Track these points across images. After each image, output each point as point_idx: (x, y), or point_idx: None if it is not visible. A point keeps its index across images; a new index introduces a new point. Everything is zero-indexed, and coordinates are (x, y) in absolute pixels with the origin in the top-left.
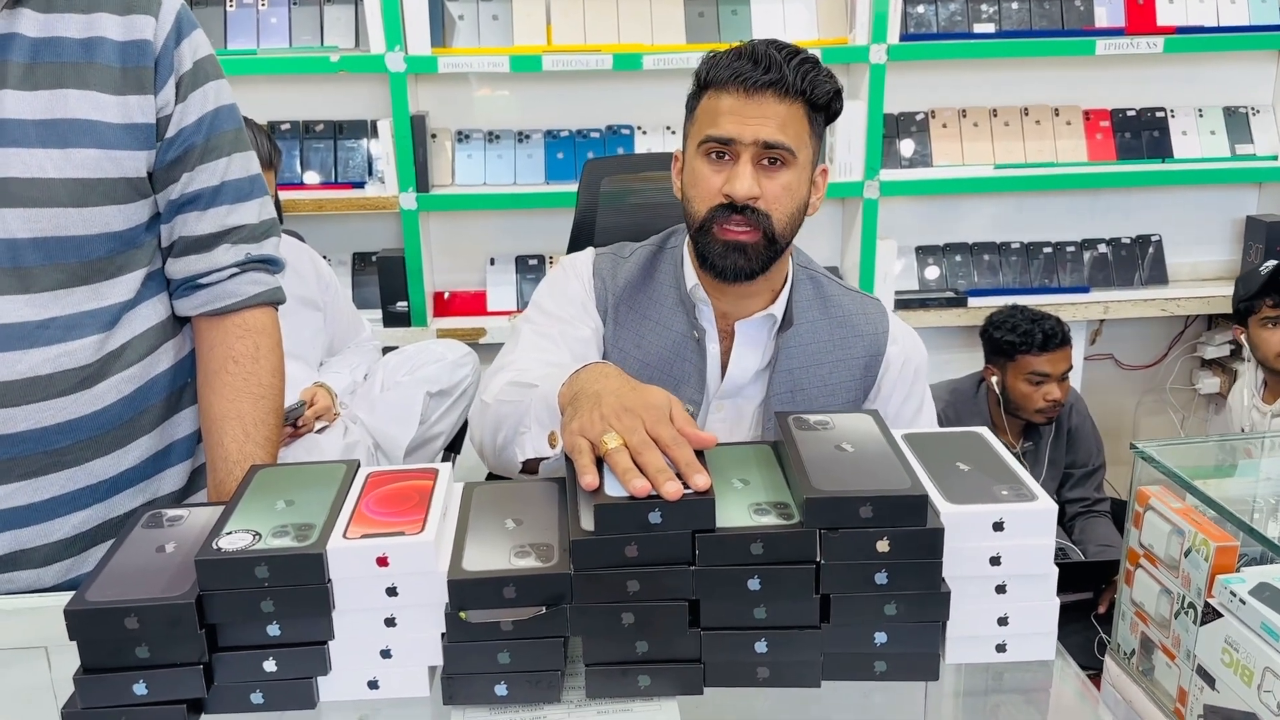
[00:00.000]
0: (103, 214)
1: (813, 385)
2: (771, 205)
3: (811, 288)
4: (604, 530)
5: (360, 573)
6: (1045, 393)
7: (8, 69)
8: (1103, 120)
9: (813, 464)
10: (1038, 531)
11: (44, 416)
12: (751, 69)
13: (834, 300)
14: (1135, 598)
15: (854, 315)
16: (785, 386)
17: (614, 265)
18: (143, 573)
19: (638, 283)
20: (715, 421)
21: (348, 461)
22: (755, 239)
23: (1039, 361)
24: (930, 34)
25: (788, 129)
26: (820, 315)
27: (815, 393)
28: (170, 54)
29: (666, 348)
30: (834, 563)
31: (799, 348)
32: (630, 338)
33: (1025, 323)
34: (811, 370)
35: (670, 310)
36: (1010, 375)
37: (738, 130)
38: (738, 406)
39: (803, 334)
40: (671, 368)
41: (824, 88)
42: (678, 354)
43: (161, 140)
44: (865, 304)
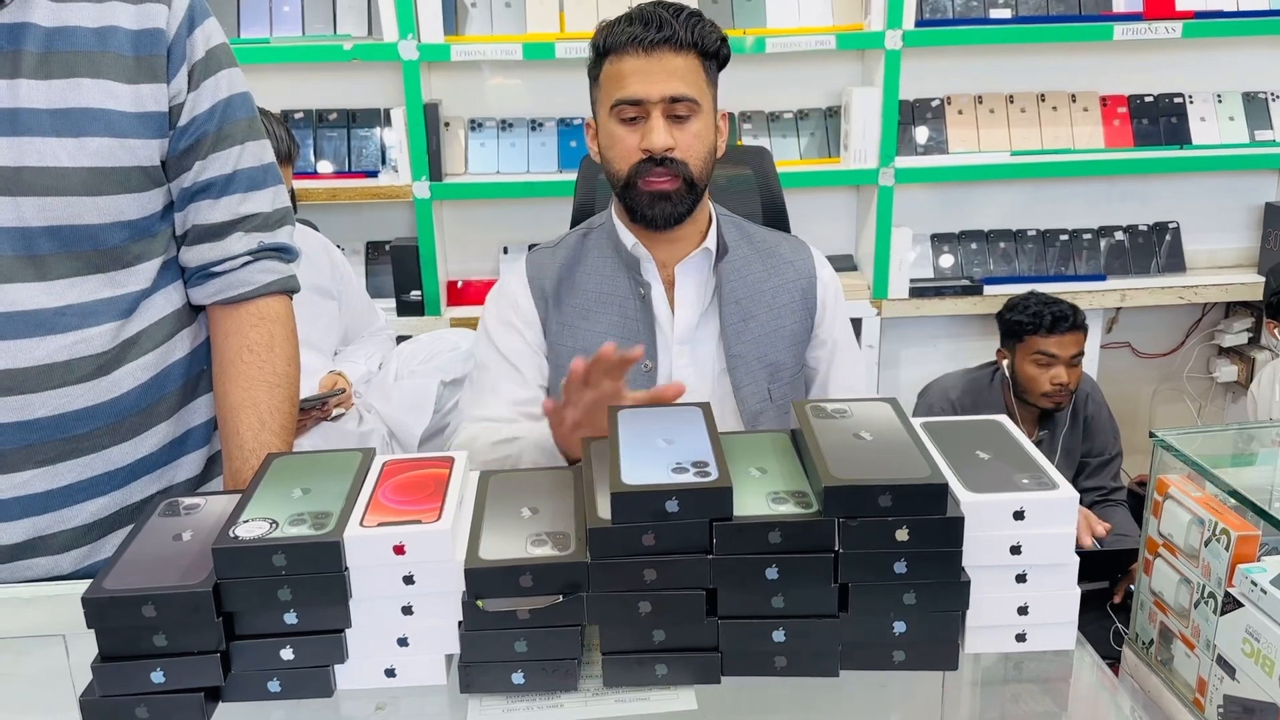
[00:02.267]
0: (116, 202)
1: (761, 311)
2: (686, 153)
3: (734, 228)
4: (621, 519)
5: (377, 561)
6: (1052, 376)
7: (21, 58)
8: (1120, 106)
9: (831, 452)
10: (1059, 520)
11: (61, 403)
12: (644, 30)
13: (756, 235)
14: (1154, 587)
15: (778, 246)
16: (736, 316)
17: (545, 260)
18: (160, 561)
19: (570, 263)
20: (680, 368)
21: (364, 450)
22: (677, 185)
23: (1046, 343)
24: (946, 19)
25: (688, 80)
26: (749, 250)
27: (765, 318)
28: (183, 42)
29: (614, 315)
30: (852, 552)
31: (738, 278)
32: (574, 312)
33: (1037, 304)
34: (756, 298)
35: (611, 276)
36: (1019, 357)
37: (644, 89)
38: (696, 350)
39: (738, 264)
40: (622, 331)
41: (711, 36)
42: (625, 317)
43: (174, 128)
44: (786, 238)
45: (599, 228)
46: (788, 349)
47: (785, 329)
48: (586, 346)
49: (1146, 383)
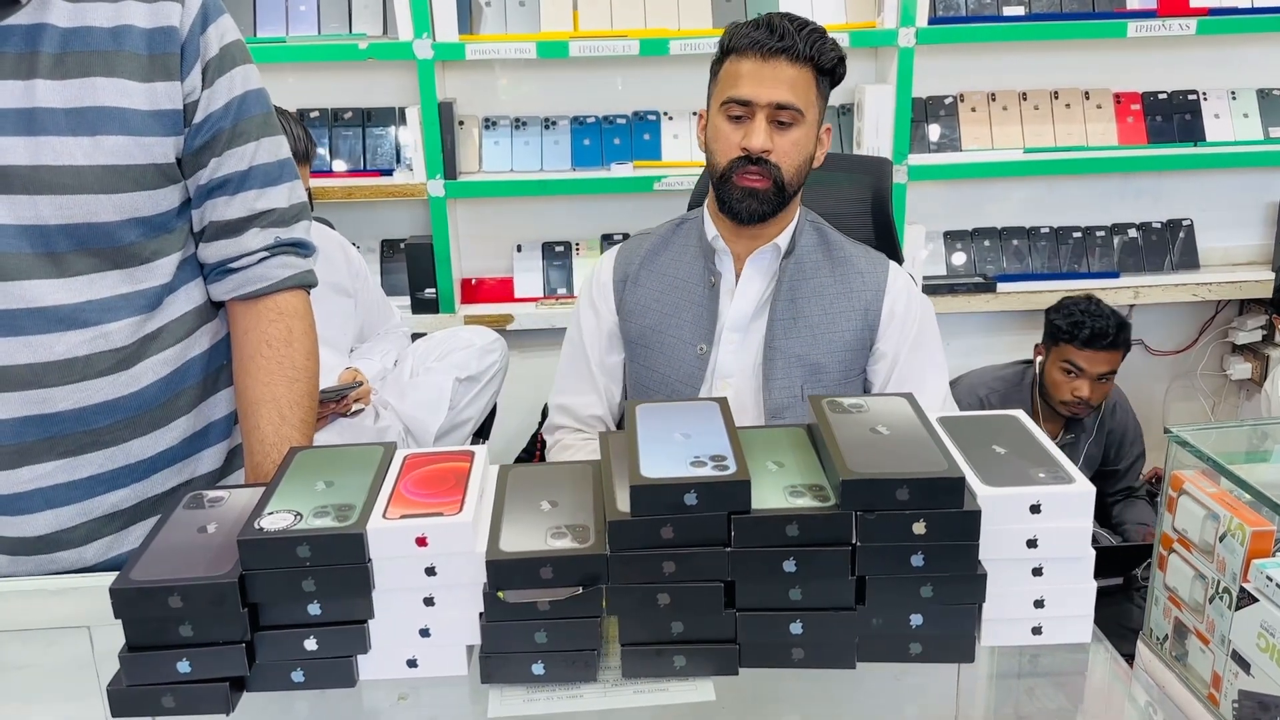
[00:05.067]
0: (132, 200)
1: (814, 313)
2: (782, 158)
3: (816, 234)
4: (640, 511)
5: (400, 552)
6: (1074, 387)
7: (38, 59)
8: (1134, 103)
9: (848, 446)
10: (1075, 514)
11: (82, 397)
12: (767, 37)
13: (837, 244)
14: (1168, 583)
15: (855, 258)
16: (787, 313)
17: (637, 245)
18: (186, 553)
19: (658, 248)
20: (726, 354)
21: (385, 443)
22: (767, 186)
23: (1076, 354)
24: (959, 17)
25: (797, 90)
26: (823, 256)
27: (816, 320)
28: (196, 40)
29: (681, 296)
30: (870, 545)
31: (800, 277)
32: (649, 293)
33: (1081, 314)
34: (812, 300)
35: (689, 263)
36: (1050, 359)
37: (754, 92)
38: (745, 339)
39: (804, 265)
40: (682, 313)
41: (829, 54)
42: (692, 301)
43: (189, 125)
44: (868, 253)
45: (692, 219)
46: (835, 353)
47: (837, 333)
48: (654, 324)
49: (1160, 380)
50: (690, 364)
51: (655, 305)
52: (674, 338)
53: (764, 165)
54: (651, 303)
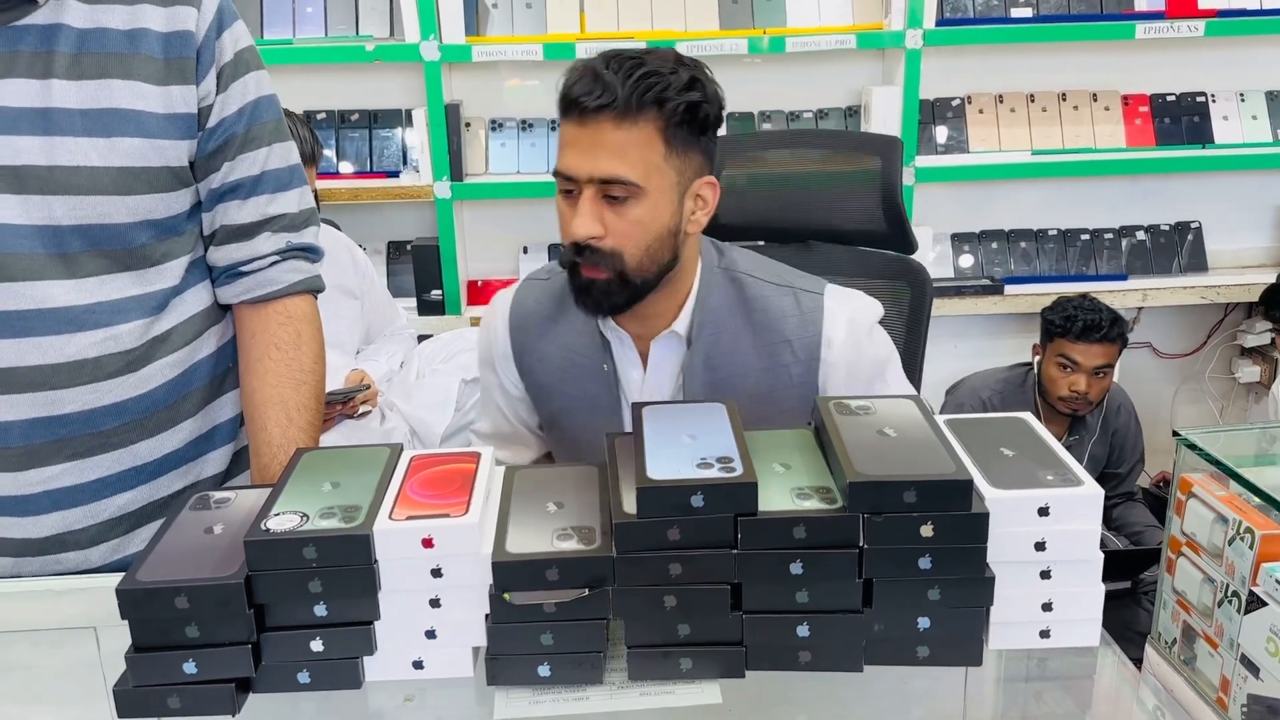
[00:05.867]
0: (144, 202)
1: (742, 398)
2: (621, 242)
3: (731, 291)
4: (646, 513)
5: (406, 554)
6: (1071, 382)
7: (54, 59)
8: (1142, 105)
9: (855, 448)
10: (1083, 517)
11: (90, 399)
12: (585, 92)
13: (756, 302)
14: (1177, 586)
15: (780, 318)
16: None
17: (530, 306)
18: (192, 553)
19: (553, 314)
20: None
21: (391, 445)
22: (606, 276)
23: (1072, 348)
24: (966, 19)
25: (629, 158)
26: (742, 322)
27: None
28: (212, 45)
29: (586, 383)
30: (877, 547)
31: (718, 360)
32: (550, 372)
33: (1075, 309)
34: (739, 383)
35: (588, 340)
36: (1047, 356)
37: (575, 165)
38: None
39: (720, 340)
40: (591, 403)
41: (674, 102)
42: (595, 387)
43: (203, 130)
44: (801, 294)
45: None
46: None
47: (772, 417)
48: (560, 409)
49: (1168, 383)
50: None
51: (557, 385)
52: (585, 425)
53: (594, 255)
54: (553, 382)
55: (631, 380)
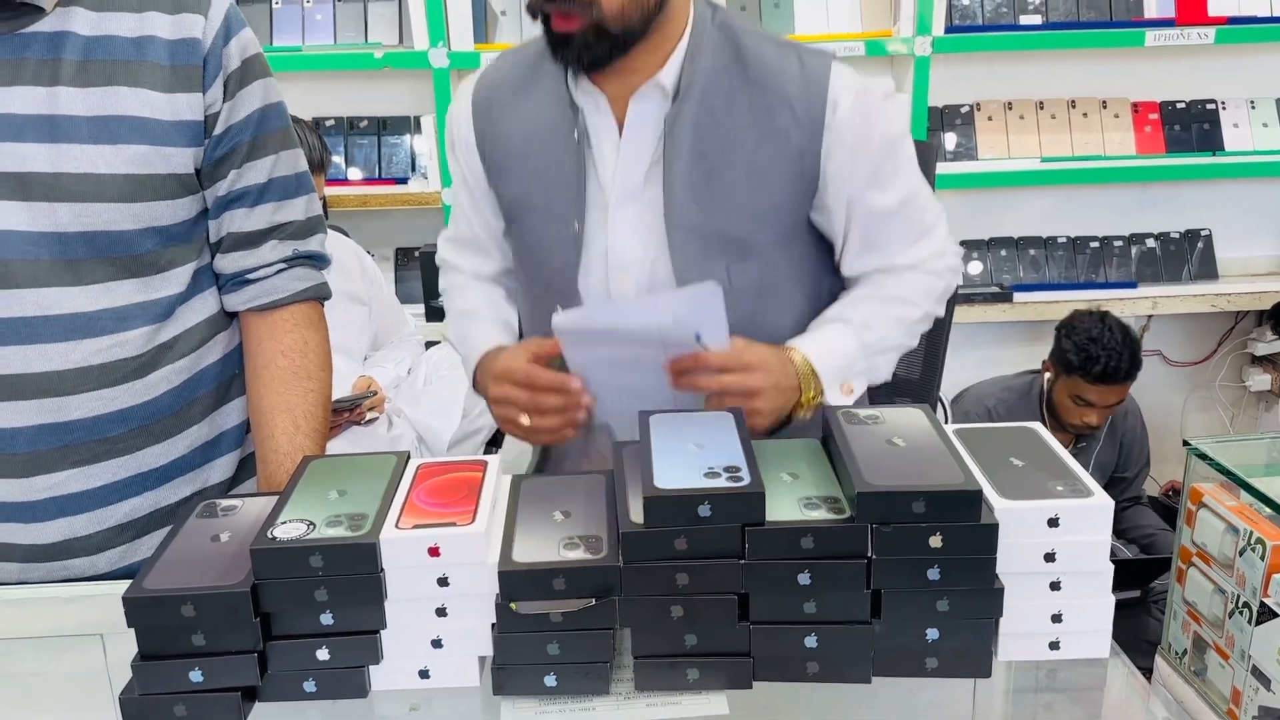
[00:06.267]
0: (150, 209)
1: (732, 169)
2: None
3: (726, 48)
4: (653, 523)
5: (412, 562)
6: (1083, 414)
7: (61, 66)
8: (1151, 113)
9: (864, 458)
10: (1093, 527)
11: (96, 405)
12: None
13: (754, 59)
14: (1187, 597)
15: (781, 77)
16: (697, 173)
17: (501, 75)
18: (199, 562)
19: (524, 83)
20: (619, 237)
21: (398, 453)
22: (580, 27)
23: (1088, 389)
24: (975, 26)
25: None
26: (738, 81)
27: (737, 179)
28: (219, 52)
29: (545, 161)
30: (885, 558)
31: (706, 122)
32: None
33: (1095, 347)
34: (729, 151)
35: (553, 112)
36: (1059, 384)
37: None
38: (641, 215)
39: (707, 104)
40: (549, 178)
41: None
42: (556, 165)
43: (210, 137)
44: (805, 56)
45: None
46: (765, 221)
47: (766, 195)
48: (519, 196)
49: (1178, 391)
50: (566, 248)
51: (515, 166)
52: (543, 212)
53: (570, 3)
54: (514, 163)
55: (604, 151)
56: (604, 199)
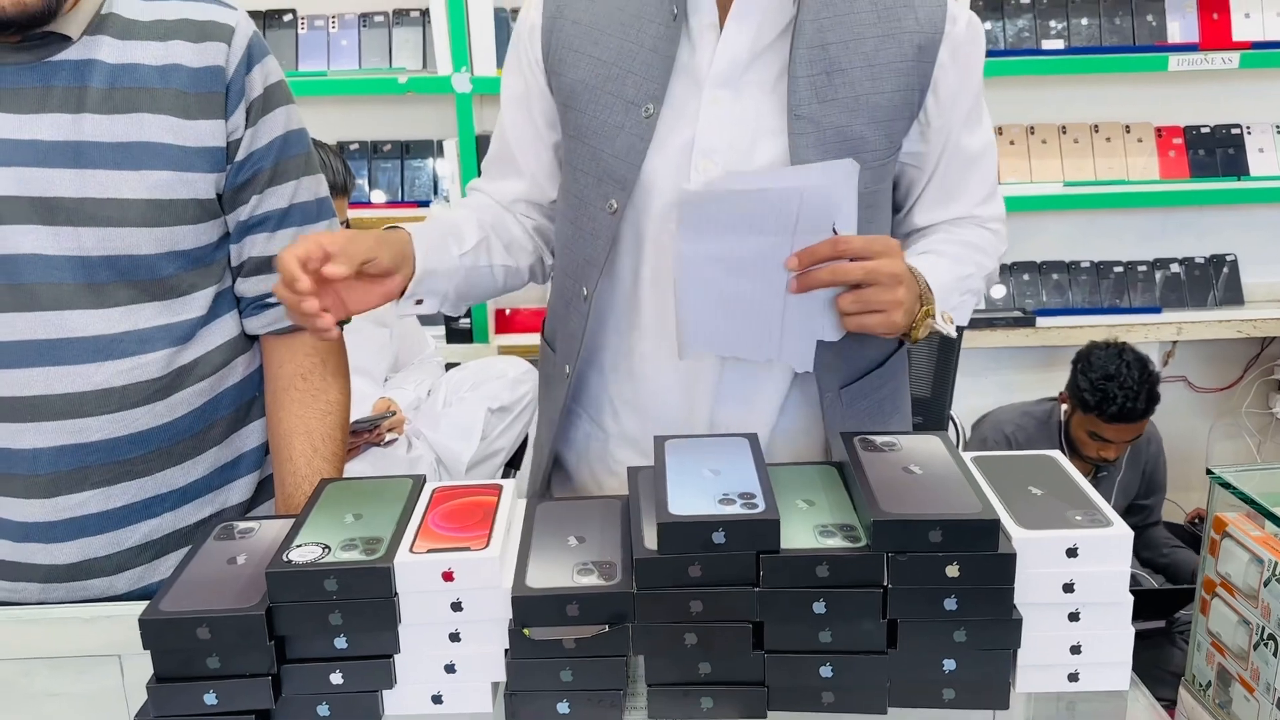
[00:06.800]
0: (172, 234)
1: (854, 66)
2: None
3: None
4: (667, 549)
5: (426, 587)
6: (1100, 449)
7: (87, 93)
8: (1175, 137)
9: (880, 486)
10: (1112, 558)
11: (117, 427)
12: None
13: None
14: (1211, 628)
15: None
16: (817, 65)
17: None
18: (215, 584)
19: None
20: (710, 121)
21: (414, 476)
22: None
23: (1104, 427)
24: (997, 50)
25: None
26: None
27: (858, 75)
28: (241, 80)
29: (627, 37)
30: (902, 587)
31: (831, 12)
32: (584, 31)
33: (1111, 385)
34: (851, 46)
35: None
36: (1076, 419)
37: None
38: (739, 100)
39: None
40: (627, 59)
41: None
42: (639, 42)
43: (232, 163)
44: None
45: None
46: (881, 124)
47: (884, 95)
48: (585, 76)
49: (1204, 417)
50: (631, 132)
51: (588, 48)
52: (612, 94)
53: None
54: (583, 44)
55: (701, 30)
56: (695, 81)
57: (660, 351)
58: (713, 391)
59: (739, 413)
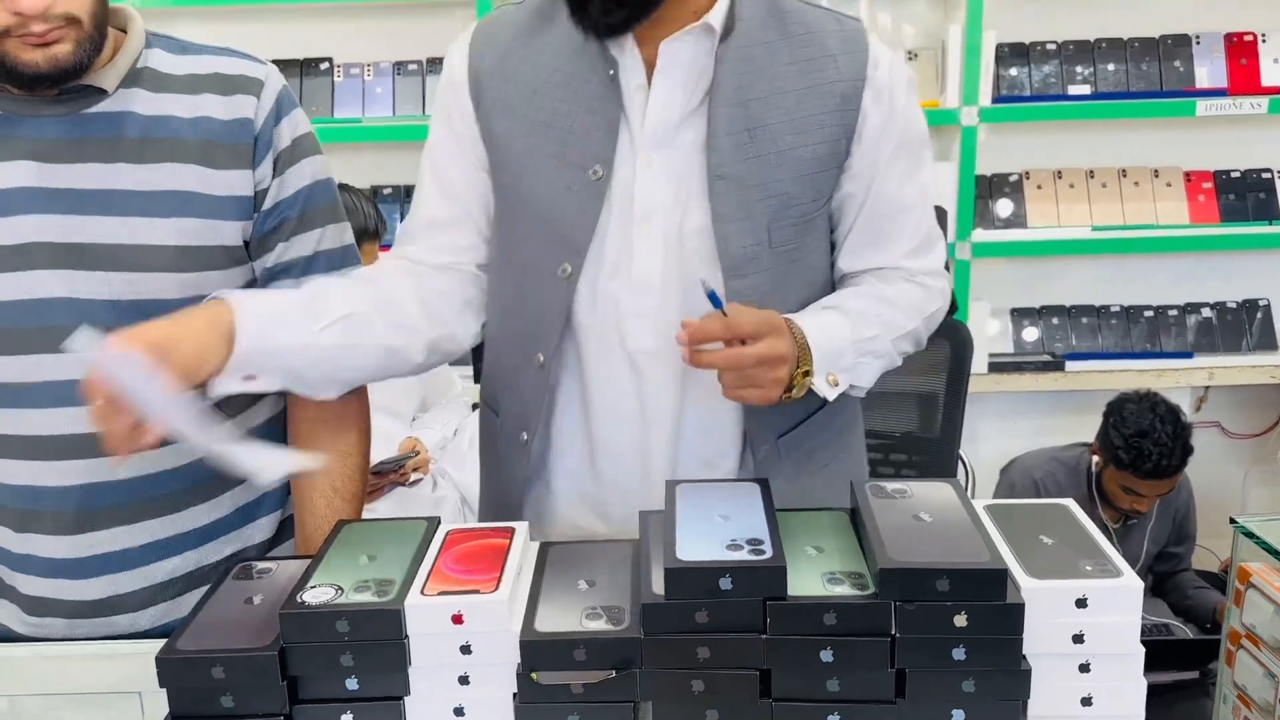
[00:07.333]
0: (199, 279)
1: (775, 120)
2: None
3: (762, 3)
4: (675, 594)
5: (436, 629)
6: (1133, 502)
7: (121, 144)
8: (1205, 182)
9: (889, 533)
10: (1123, 609)
11: (143, 465)
12: None
13: (794, 14)
14: (1237, 680)
15: (822, 30)
16: (737, 122)
17: (502, 20)
18: (231, 623)
19: (532, 28)
20: (647, 182)
21: (429, 518)
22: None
23: (1139, 483)
24: (1023, 96)
25: None
26: (777, 34)
27: (779, 130)
28: (270, 131)
29: (564, 97)
30: (910, 636)
31: (751, 69)
32: (518, 96)
33: (1146, 442)
34: (772, 100)
35: (572, 51)
36: (1108, 472)
37: None
38: (672, 161)
39: (753, 49)
40: (570, 121)
41: None
42: (577, 103)
43: (259, 211)
44: (838, 19)
45: None
46: (806, 178)
47: (808, 148)
48: (520, 138)
49: (1237, 464)
50: (582, 195)
51: (524, 108)
52: (554, 157)
53: None
54: (519, 104)
55: (631, 92)
56: (631, 142)
57: (617, 414)
58: (669, 454)
59: (700, 473)
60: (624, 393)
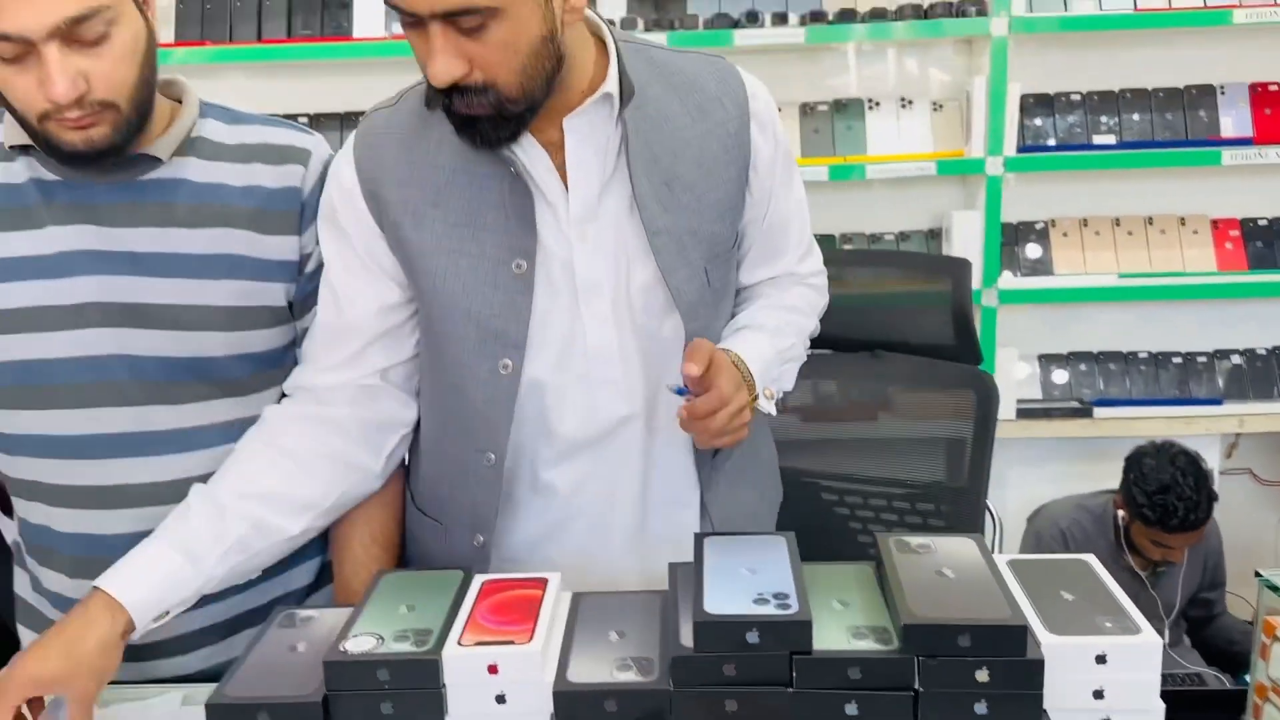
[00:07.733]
0: (245, 338)
1: (685, 169)
2: (491, 72)
3: (640, 59)
4: (703, 647)
5: (472, 679)
6: (1164, 554)
7: (175, 209)
8: (1232, 229)
9: (912, 588)
10: (1142, 666)
11: None
12: None
13: (668, 64)
14: None
15: (700, 75)
16: (656, 178)
17: (379, 134)
18: (276, 670)
19: (416, 132)
20: (584, 257)
21: (464, 569)
22: (486, 112)
23: (1168, 537)
24: (1048, 146)
25: None
26: (662, 88)
27: (691, 179)
28: (315, 199)
29: (470, 198)
30: (933, 691)
31: (654, 127)
32: (425, 203)
33: (1169, 498)
34: (678, 151)
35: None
36: (1135, 525)
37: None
38: (601, 232)
39: (650, 110)
40: (485, 220)
41: None
42: (485, 201)
43: (302, 274)
44: (707, 61)
45: None
46: (724, 215)
47: (720, 189)
48: (434, 240)
49: (1270, 511)
50: (510, 289)
51: (433, 212)
52: (474, 256)
53: (468, 91)
54: (425, 206)
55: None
56: (557, 222)
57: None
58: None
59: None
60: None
